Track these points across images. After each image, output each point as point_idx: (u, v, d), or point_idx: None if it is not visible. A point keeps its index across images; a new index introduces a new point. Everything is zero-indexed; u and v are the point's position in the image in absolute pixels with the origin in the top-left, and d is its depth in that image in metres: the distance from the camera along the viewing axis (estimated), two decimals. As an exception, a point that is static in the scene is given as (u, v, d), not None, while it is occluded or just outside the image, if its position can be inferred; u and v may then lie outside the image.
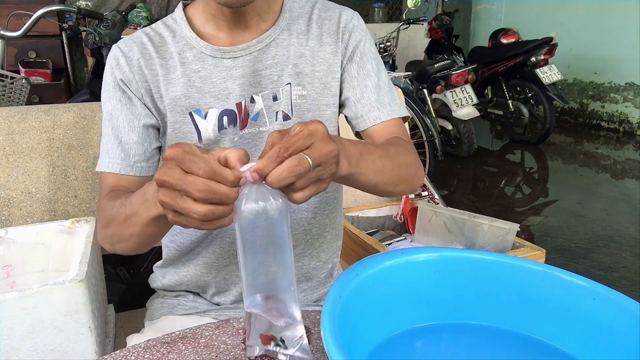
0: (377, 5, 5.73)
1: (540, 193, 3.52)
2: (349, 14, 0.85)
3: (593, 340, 0.54)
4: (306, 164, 0.49)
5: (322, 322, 0.44)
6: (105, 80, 0.80)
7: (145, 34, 0.81)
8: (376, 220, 1.47)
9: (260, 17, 0.80)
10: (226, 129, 0.78)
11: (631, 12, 4.74)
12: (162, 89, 0.78)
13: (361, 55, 0.83)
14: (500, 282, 0.58)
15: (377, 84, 0.83)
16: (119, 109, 0.78)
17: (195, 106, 0.78)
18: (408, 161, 0.77)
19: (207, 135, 0.78)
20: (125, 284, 1.79)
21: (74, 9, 1.91)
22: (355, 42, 0.83)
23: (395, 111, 0.83)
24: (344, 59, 0.83)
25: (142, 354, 0.59)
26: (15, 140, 1.06)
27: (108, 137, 0.79)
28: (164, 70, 0.78)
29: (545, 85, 4.06)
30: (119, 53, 0.79)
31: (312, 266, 0.90)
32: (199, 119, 0.78)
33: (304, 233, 0.87)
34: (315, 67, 0.81)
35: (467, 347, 0.60)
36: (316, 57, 0.81)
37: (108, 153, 0.78)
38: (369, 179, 0.67)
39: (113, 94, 0.78)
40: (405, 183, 0.76)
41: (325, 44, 0.82)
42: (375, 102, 0.82)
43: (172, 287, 0.92)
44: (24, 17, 1.79)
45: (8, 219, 1.06)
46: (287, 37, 0.81)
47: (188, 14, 0.81)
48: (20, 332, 0.73)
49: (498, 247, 1.19)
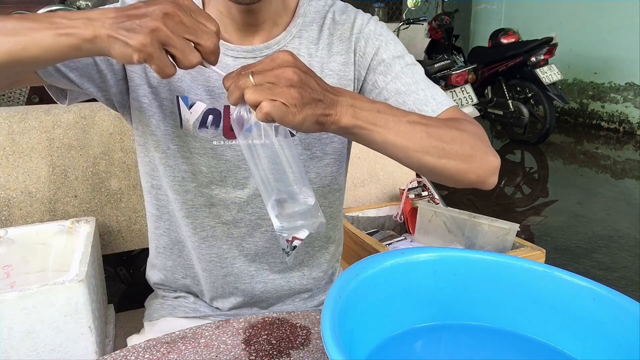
0: (377, 5, 5.74)
1: (540, 193, 3.52)
2: (365, 19, 0.79)
3: (593, 340, 0.54)
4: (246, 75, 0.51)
5: (322, 322, 0.44)
6: None
7: None
8: (376, 220, 1.47)
9: (275, 22, 0.75)
10: (207, 128, 0.74)
11: (631, 12, 4.74)
12: None
13: (384, 63, 0.76)
14: (500, 282, 0.58)
15: (413, 81, 0.75)
16: None
17: (184, 92, 0.73)
18: (458, 136, 0.66)
19: (187, 126, 0.74)
20: (125, 284, 1.79)
21: (74, 9, 1.91)
22: (374, 50, 0.77)
23: (442, 103, 0.74)
24: (362, 70, 0.78)
25: (142, 354, 0.59)
26: (15, 140, 1.06)
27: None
28: None
29: (545, 85, 4.07)
30: None
31: (314, 276, 0.89)
32: (184, 107, 0.73)
33: (306, 245, 0.85)
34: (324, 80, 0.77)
35: (467, 347, 0.60)
36: (325, 70, 0.77)
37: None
38: (390, 139, 0.60)
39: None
40: (457, 159, 0.66)
41: (335, 53, 0.77)
42: (415, 101, 0.74)
43: (170, 286, 0.91)
44: (24, 17, 1.79)
45: (8, 219, 1.06)
46: (297, 45, 0.76)
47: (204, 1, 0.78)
48: (20, 332, 0.73)
49: (498, 247, 1.19)
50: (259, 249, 0.82)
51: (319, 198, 0.79)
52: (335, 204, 0.87)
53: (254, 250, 0.82)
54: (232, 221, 0.80)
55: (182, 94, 0.73)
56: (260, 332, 0.63)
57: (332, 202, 0.86)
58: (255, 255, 0.83)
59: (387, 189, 1.52)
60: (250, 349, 0.60)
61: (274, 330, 0.64)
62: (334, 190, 0.85)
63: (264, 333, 0.63)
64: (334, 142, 0.80)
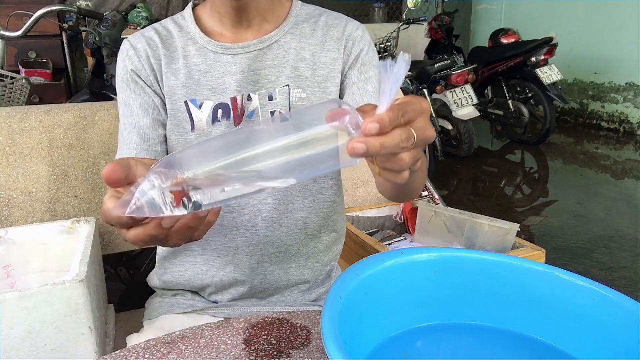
0: (377, 5, 5.74)
1: (540, 193, 3.52)
2: (355, 25, 0.87)
3: (593, 340, 0.54)
4: (412, 138, 0.43)
5: (322, 322, 0.44)
6: (118, 73, 0.83)
7: (153, 28, 0.85)
8: (376, 220, 1.47)
9: (264, 18, 0.82)
10: (220, 121, 0.80)
11: (631, 12, 4.74)
12: (163, 77, 0.81)
13: (363, 63, 0.85)
14: (500, 282, 0.58)
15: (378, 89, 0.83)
16: (133, 98, 0.81)
17: (191, 96, 0.80)
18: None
19: (200, 125, 0.80)
20: (125, 284, 1.79)
21: (74, 9, 1.91)
22: (358, 50, 0.85)
23: None
24: (346, 66, 0.85)
25: (142, 354, 0.59)
26: (15, 140, 1.06)
27: (124, 127, 0.82)
28: (167, 60, 0.82)
29: (545, 85, 4.06)
30: (128, 46, 0.83)
31: (309, 267, 0.91)
32: (194, 108, 0.80)
33: (299, 232, 0.87)
34: (315, 72, 0.83)
35: (467, 347, 0.60)
36: (317, 62, 0.83)
37: (125, 141, 0.81)
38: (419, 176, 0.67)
39: (127, 85, 0.82)
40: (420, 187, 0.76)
41: (328, 49, 0.84)
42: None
43: (169, 286, 0.92)
44: (24, 17, 1.79)
45: (8, 219, 1.06)
46: (289, 39, 0.83)
47: (197, 13, 0.85)
48: (20, 332, 0.73)
49: (498, 247, 1.19)
50: (260, 239, 0.84)
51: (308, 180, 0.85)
52: (329, 192, 0.88)
53: (255, 240, 0.84)
54: (237, 207, 0.83)
55: (190, 98, 0.80)
56: (260, 332, 0.63)
57: (324, 189, 0.87)
58: (255, 245, 0.85)
59: (387, 189, 1.52)
60: (250, 349, 0.60)
61: (274, 330, 0.64)
62: (322, 175, 0.87)
63: (264, 333, 0.63)
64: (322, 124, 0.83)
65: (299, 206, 0.85)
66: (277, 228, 0.84)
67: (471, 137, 3.93)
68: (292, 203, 0.84)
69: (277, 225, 0.84)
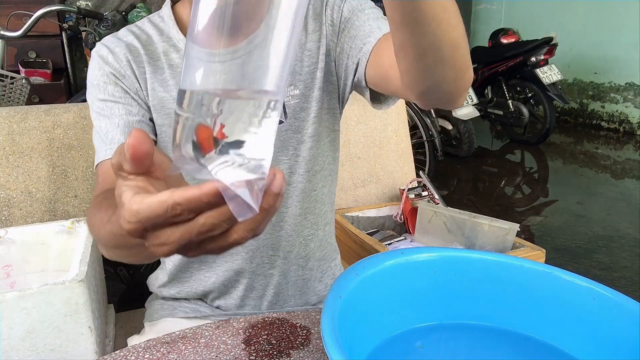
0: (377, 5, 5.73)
1: (540, 193, 3.52)
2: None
3: (593, 340, 0.54)
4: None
5: (322, 322, 0.44)
6: (92, 76, 0.74)
7: (130, 31, 0.77)
8: (376, 220, 1.46)
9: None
10: None
11: (631, 12, 4.74)
12: (148, 88, 0.75)
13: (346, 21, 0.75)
14: (500, 282, 0.58)
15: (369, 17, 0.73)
16: (113, 100, 0.72)
17: None
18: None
19: None
20: (125, 284, 1.79)
21: (74, 9, 1.91)
22: (338, 13, 0.75)
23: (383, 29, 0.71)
24: (334, 37, 0.77)
25: (142, 354, 0.59)
26: (15, 140, 1.06)
27: (105, 128, 0.72)
28: (151, 68, 0.75)
29: (545, 85, 4.07)
30: (105, 50, 0.74)
31: (310, 267, 0.90)
32: None
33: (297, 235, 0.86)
34: (303, 62, 0.78)
35: (467, 347, 0.60)
36: (304, 52, 0.78)
37: (107, 140, 0.71)
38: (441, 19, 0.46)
39: (103, 88, 0.73)
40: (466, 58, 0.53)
41: (310, 32, 0.77)
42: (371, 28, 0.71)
43: (174, 295, 0.91)
44: (24, 17, 1.79)
45: (8, 219, 1.06)
46: None
47: (177, 12, 0.78)
48: (20, 332, 0.73)
49: (498, 247, 1.19)
50: (259, 243, 0.84)
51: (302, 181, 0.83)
52: (318, 186, 0.86)
53: (255, 245, 0.83)
54: None
55: None
56: (260, 332, 0.63)
57: (315, 185, 0.86)
58: (255, 250, 0.84)
59: (387, 189, 1.52)
60: (250, 349, 0.60)
61: (274, 330, 0.64)
62: (315, 172, 0.85)
63: (264, 333, 0.63)
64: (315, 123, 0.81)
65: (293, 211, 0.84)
66: (277, 231, 0.84)
67: (471, 137, 3.93)
68: (289, 207, 0.84)
69: (277, 228, 0.84)
